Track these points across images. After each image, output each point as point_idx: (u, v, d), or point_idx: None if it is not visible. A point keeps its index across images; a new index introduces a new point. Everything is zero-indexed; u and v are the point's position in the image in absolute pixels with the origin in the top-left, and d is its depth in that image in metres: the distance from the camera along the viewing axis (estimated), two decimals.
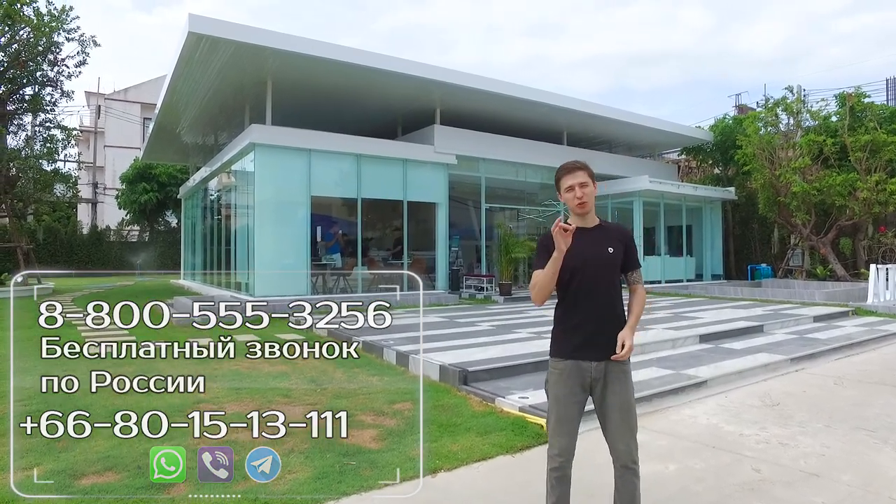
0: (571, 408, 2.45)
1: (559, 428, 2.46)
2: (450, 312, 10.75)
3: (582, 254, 2.44)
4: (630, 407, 2.45)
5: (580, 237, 2.45)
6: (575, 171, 2.48)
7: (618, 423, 2.41)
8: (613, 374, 2.43)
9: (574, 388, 2.45)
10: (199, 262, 18.57)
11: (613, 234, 2.53)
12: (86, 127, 36.72)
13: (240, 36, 10.06)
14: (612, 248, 2.47)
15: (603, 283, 2.45)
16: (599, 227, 2.54)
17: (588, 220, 2.53)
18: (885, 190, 14.49)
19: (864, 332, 8.55)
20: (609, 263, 2.47)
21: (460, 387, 5.22)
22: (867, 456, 3.69)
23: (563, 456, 2.46)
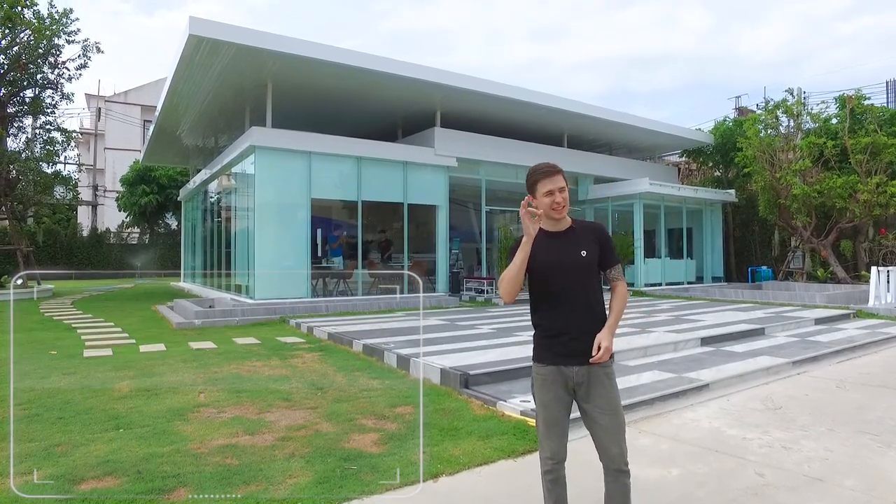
0: (557, 411, 2.44)
1: (548, 432, 2.45)
2: (450, 315, 10.73)
3: (555, 259, 2.42)
4: (617, 408, 2.41)
5: (553, 242, 2.45)
6: (554, 175, 2.41)
7: (607, 426, 2.38)
8: (596, 377, 2.39)
9: (558, 391, 2.43)
10: (199, 265, 18.56)
11: (587, 235, 2.47)
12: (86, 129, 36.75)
13: (240, 38, 10.06)
14: (586, 251, 2.42)
15: (579, 287, 2.41)
16: (571, 230, 2.48)
17: (561, 223, 2.47)
18: (886, 192, 14.47)
19: (865, 335, 8.53)
20: (583, 266, 2.42)
21: (461, 390, 5.20)
22: (871, 460, 3.68)
23: (554, 459, 2.45)
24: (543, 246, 2.42)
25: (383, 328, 8.81)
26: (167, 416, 4.44)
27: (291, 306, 11.09)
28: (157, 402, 4.84)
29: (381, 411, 4.62)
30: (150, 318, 10.96)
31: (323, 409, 4.70)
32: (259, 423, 4.32)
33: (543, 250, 2.42)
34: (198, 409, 4.65)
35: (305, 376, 5.87)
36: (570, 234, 2.47)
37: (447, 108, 14.27)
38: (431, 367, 5.73)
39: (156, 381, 5.55)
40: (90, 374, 5.86)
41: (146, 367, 6.23)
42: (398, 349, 6.70)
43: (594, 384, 2.40)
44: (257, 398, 5.00)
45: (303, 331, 9.24)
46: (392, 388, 5.38)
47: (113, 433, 4.00)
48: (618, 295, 2.47)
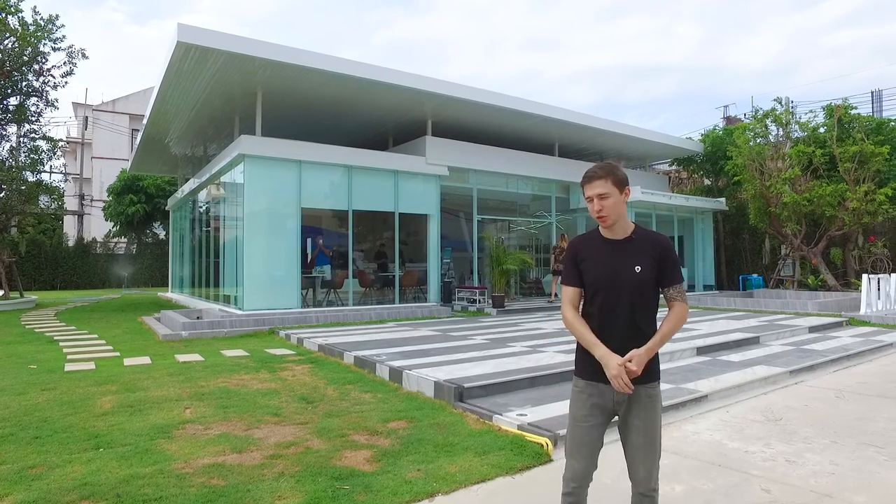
0: (587, 431, 2.29)
1: (574, 450, 2.31)
2: (442, 325, 10.58)
3: (606, 271, 2.26)
4: (654, 432, 2.26)
5: (608, 252, 2.29)
6: (593, 182, 2.26)
7: (639, 447, 2.26)
8: (637, 398, 2.25)
9: (592, 410, 2.29)
10: (187, 275, 18.29)
11: (645, 248, 2.26)
12: (73, 138, 36.36)
13: (229, 46, 9.93)
14: (641, 266, 2.22)
15: (627, 302, 2.23)
16: (629, 241, 2.29)
17: (617, 231, 2.30)
18: (874, 200, 14.57)
19: (860, 343, 8.49)
20: (635, 282, 2.23)
21: (456, 404, 5.06)
22: (879, 474, 3.58)
23: (576, 481, 2.31)
24: (598, 254, 2.30)
25: (375, 339, 8.66)
26: (150, 433, 4.26)
27: (281, 317, 10.91)
28: (141, 418, 4.66)
29: (373, 426, 4.47)
30: (135, 329, 10.72)
31: (313, 424, 4.54)
32: (247, 440, 4.16)
33: (597, 261, 2.29)
34: (183, 425, 4.48)
35: (295, 390, 5.70)
36: (628, 244, 2.29)
37: (438, 117, 14.20)
38: (425, 379, 5.58)
39: (140, 397, 5.35)
40: (71, 389, 5.64)
41: (130, 381, 6.03)
42: (390, 361, 6.55)
43: (635, 405, 2.26)
44: (245, 413, 4.83)
45: (293, 342, 9.06)
46: (384, 402, 5.23)
47: (92, 453, 3.82)
48: (672, 315, 2.27)
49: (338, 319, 11.35)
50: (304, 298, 12.60)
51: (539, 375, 5.75)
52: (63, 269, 25.64)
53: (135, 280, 27.41)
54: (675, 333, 2.28)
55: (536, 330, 9.73)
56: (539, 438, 4.05)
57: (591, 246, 2.32)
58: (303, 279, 12.30)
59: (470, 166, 14.63)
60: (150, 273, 28.05)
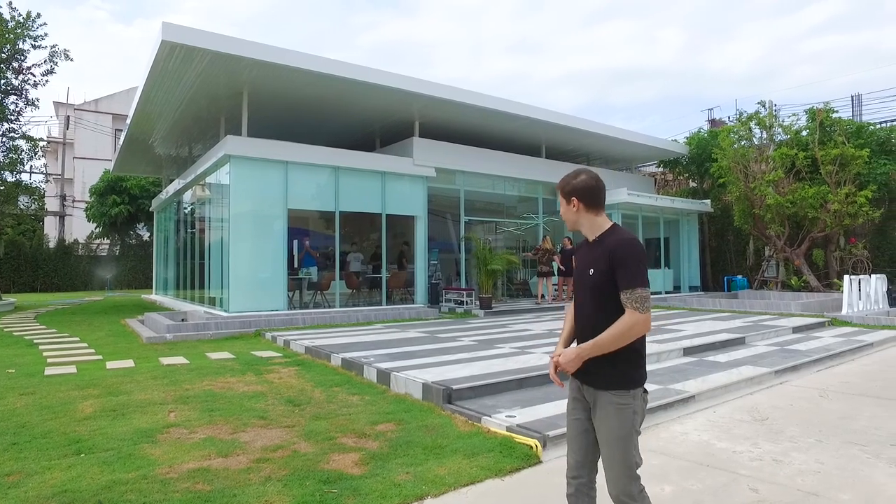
0: (572, 423, 2.38)
1: (568, 445, 2.41)
2: (430, 327, 10.55)
3: (576, 274, 2.43)
4: (610, 441, 2.19)
5: (581, 253, 2.43)
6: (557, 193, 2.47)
7: (604, 457, 2.25)
8: (601, 403, 2.25)
9: (575, 403, 2.38)
10: (171, 277, 18.07)
11: (603, 250, 2.22)
12: (54, 138, 35.78)
13: (215, 45, 9.83)
14: (594, 269, 2.25)
15: (588, 304, 2.29)
16: (595, 243, 2.32)
17: (588, 232, 2.36)
18: (855, 202, 14.81)
19: (842, 343, 8.61)
20: (591, 286, 2.26)
21: (444, 405, 5.03)
22: (862, 472, 3.62)
23: (572, 474, 2.34)
24: (577, 257, 2.46)
25: (362, 341, 8.60)
26: (134, 438, 4.18)
27: (267, 319, 10.80)
28: (124, 422, 4.57)
29: (361, 429, 4.43)
30: (118, 332, 10.55)
31: (301, 427, 4.49)
32: (233, 443, 4.09)
33: (576, 262, 2.46)
34: (167, 429, 4.40)
35: (282, 392, 5.64)
36: (593, 247, 2.34)
37: (426, 118, 14.18)
38: (413, 381, 5.55)
39: (122, 400, 5.25)
40: (51, 393, 5.53)
41: (112, 385, 5.92)
42: (378, 363, 6.51)
43: (598, 410, 2.26)
44: (231, 417, 4.76)
45: (279, 344, 8.97)
46: (372, 404, 5.19)
47: (73, 458, 3.73)
48: (618, 321, 2.12)
49: (325, 321, 11.27)
50: (291, 300, 12.50)
51: (527, 377, 5.74)
52: (43, 271, 25.20)
53: (118, 282, 27.02)
54: (618, 343, 2.12)
55: (524, 331, 9.74)
56: (528, 440, 4.04)
57: (578, 248, 2.50)
58: (289, 281, 12.20)
59: (457, 167, 14.62)
60: (134, 275, 27.68)
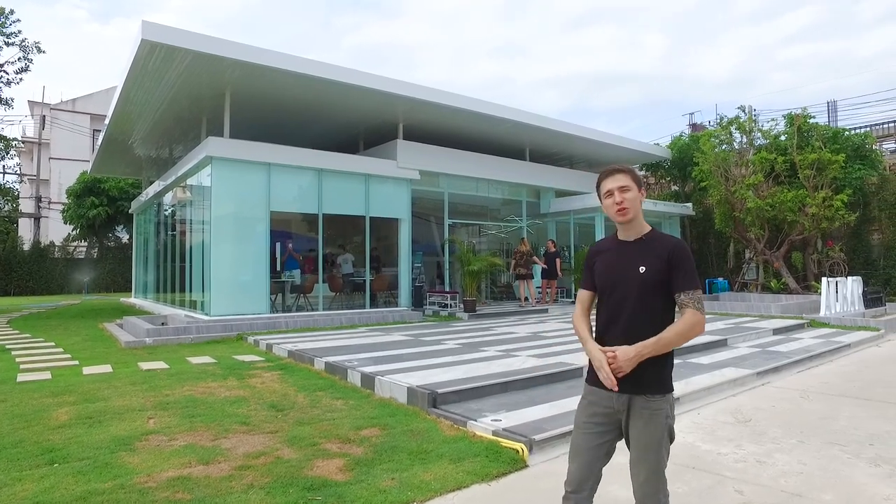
0: (585, 437, 2.25)
1: (572, 455, 2.29)
2: (414, 330, 10.50)
3: (614, 270, 2.23)
4: (648, 447, 2.15)
5: (619, 253, 2.26)
6: (615, 174, 2.24)
7: (634, 460, 2.20)
8: (636, 408, 2.18)
9: (594, 416, 2.24)
10: (151, 280, 17.77)
11: (654, 249, 2.17)
12: (29, 138, 35.05)
13: (196, 45, 9.69)
14: (645, 267, 2.15)
15: (631, 304, 2.15)
16: (641, 241, 2.23)
17: (632, 231, 2.25)
18: (832, 206, 15.09)
19: (821, 344, 8.74)
20: (640, 284, 2.15)
21: (429, 410, 4.99)
22: (843, 472, 3.66)
23: (571, 486, 2.24)
24: (609, 256, 2.29)
25: (346, 345, 8.53)
26: (111, 446, 4.08)
27: (249, 323, 10.66)
28: (100, 430, 4.45)
29: (345, 434, 4.37)
30: (96, 336, 10.33)
31: (284, 433, 4.42)
32: (214, 450, 4.01)
33: (606, 261, 2.28)
34: (146, 436, 4.30)
35: (265, 398, 5.55)
36: (640, 245, 2.23)
37: (410, 121, 14.14)
38: (398, 385, 5.50)
39: (99, 407, 5.12)
40: (23, 400, 5.37)
41: (89, 391, 5.78)
42: (362, 367, 6.45)
43: (634, 415, 2.19)
44: (212, 423, 4.67)
45: (261, 348, 8.85)
46: (356, 409, 5.13)
47: (46, 469, 3.62)
48: (680, 321, 2.12)
49: (308, 325, 11.16)
50: (274, 303, 12.37)
51: (512, 380, 5.73)
52: (17, 274, 24.64)
53: (96, 285, 26.52)
54: (680, 342, 2.13)
55: (509, 334, 9.74)
56: (514, 444, 4.02)
57: (604, 248, 2.34)
58: (272, 284, 12.07)
59: (441, 170, 14.61)
60: (113, 278, 27.19)
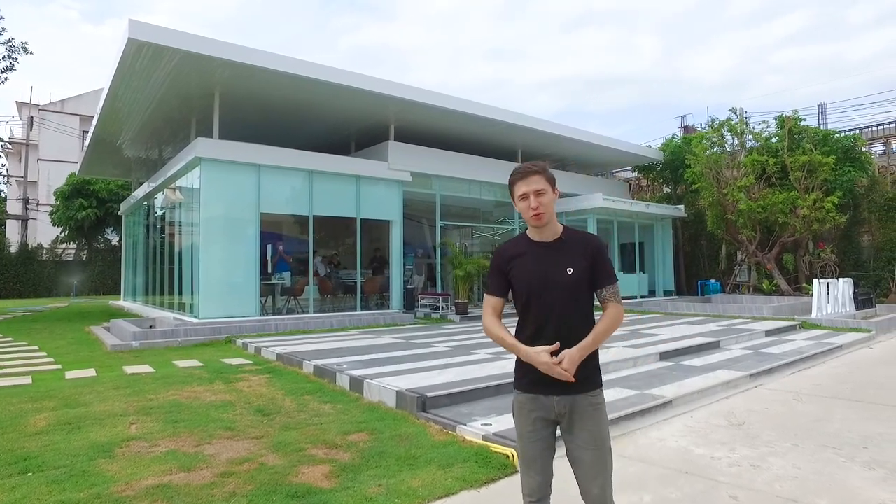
0: (535, 445, 2.18)
1: (526, 468, 2.21)
2: (405, 333, 10.41)
3: (537, 274, 2.14)
4: (602, 443, 2.14)
5: (537, 255, 2.18)
6: (529, 177, 2.14)
7: (588, 462, 2.12)
8: (581, 408, 2.13)
9: (536, 423, 2.17)
10: (140, 283, 17.57)
11: (577, 249, 2.15)
12: (16, 139, 34.67)
13: (184, 44, 9.57)
14: (573, 268, 2.11)
15: (563, 308, 2.11)
16: (560, 242, 2.17)
17: (547, 232, 2.18)
18: (823, 208, 15.13)
19: (813, 346, 8.72)
20: (568, 285, 2.11)
21: (419, 414, 4.90)
22: (838, 476, 3.60)
23: (533, 497, 2.20)
24: (527, 259, 2.17)
25: (335, 347, 8.42)
26: (89, 453, 3.96)
27: (238, 325, 10.53)
28: (79, 436, 4.33)
29: (332, 439, 4.27)
30: (82, 340, 10.17)
31: (269, 438, 4.32)
32: (197, 457, 3.90)
33: (526, 265, 2.16)
34: (127, 443, 4.18)
35: (251, 402, 5.44)
36: (558, 246, 2.18)
37: (401, 122, 14.06)
38: (387, 389, 5.41)
39: (80, 413, 4.99)
40: (0, 406, 5.24)
41: (70, 396, 5.65)
42: (351, 370, 6.35)
43: (578, 415, 2.13)
44: (196, 428, 4.56)
45: (250, 351, 8.73)
46: (345, 413, 5.04)
47: (19, 478, 3.49)
48: (606, 316, 2.14)
49: (298, 327, 11.04)
50: (264, 306, 12.24)
51: (504, 383, 5.64)
52: (4, 276, 24.35)
53: (85, 288, 26.22)
54: (609, 334, 2.15)
55: None
56: (505, 449, 3.94)
57: (519, 251, 2.21)
58: (262, 286, 11.94)
59: (433, 172, 14.53)
60: (102, 280, 26.89)
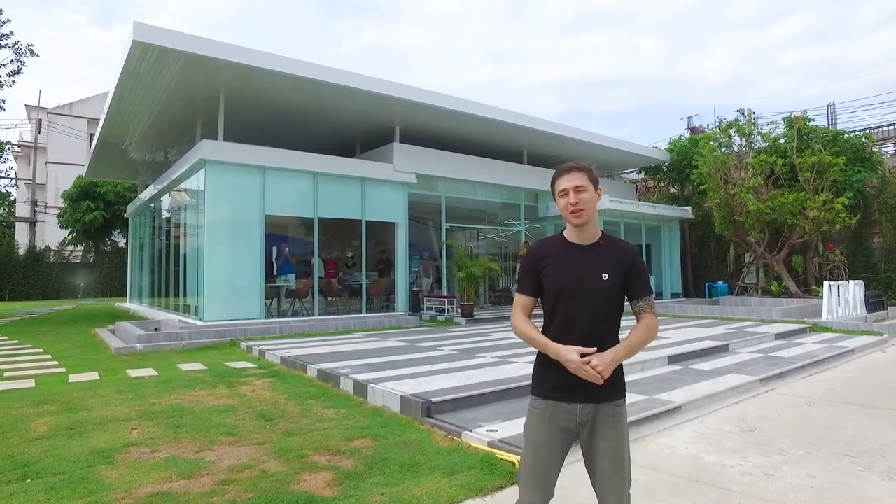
0: (550, 457, 2.07)
1: (532, 479, 2.07)
2: (410, 336, 10.33)
3: (572, 278, 2.07)
4: (622, 454, 2.07)
5: (573, 258, 2.11)
6: (571, 172, 2.10)
7: (608, 472, 2.04)
8: (603, 417, 2.05)
9: (554, 433, 2.07)
10: (146, 285, 17.59)
11: (613, 255, 2.10)
12: (25, 142, 34.89)
13: (189, 47, 9.55)
14: (608, 274, 2.06)
15: (592, 313, 2.05)
16: (597, 246, 2.12)
17: (585, 234, 2.12)
18: (833, 209, 14.95)
19: (824, 350, 8.58)
20: (602, 292, 2.05)
21: (423, 419, 4.83)
22: (856, 486, 3.50)
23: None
24: (562, 260, 2.11)
25: (340, 351, 8.36)
26: (89, 459, 3.90)
27: (243, 328, 10.49)
28: (80, 442, 4.28)
29: (335, 446, 4.20)
30: (86, 342, 10.15)
31: (271, 444, 4.25)
32: (197, 463, 3.84)
33: (560, 266, 2.10)
34: (128, 448, 4.13)
35: (254, 406, 5.39)
36: (595, 250, 2.11)
37: (407, 124, 14.00)
38: (391, 393, 5.34)
39: (81, 417, 4.95)
40: (2, 410, 5.18)
41: (72, 400, 5.60)
42: (355, 374, 6.28)
43: (600, 425, 2.06)
44: (198, 433, 4.50)
45: (254, 354, 8.68)
46: (348, 418, 4.97)
47: (17, 485, 3.44)
48: (642, 326, 2.11)
49: (302, 330, 10.99)
50: (269, 308, 12.20)
51: (509, 388, 5.56)
52: (13, 278, 24.46)
53: (92, 290, 26.32)
54: (644, 346, 2.12)
55: (506, 340, 9.56)
56: (510, 456, 3.85)
57: (553, 251, 2.15)
58: (267, 288, 11.90)
59: (438, 174, 14.46)
60: (109, 282, 26.99)
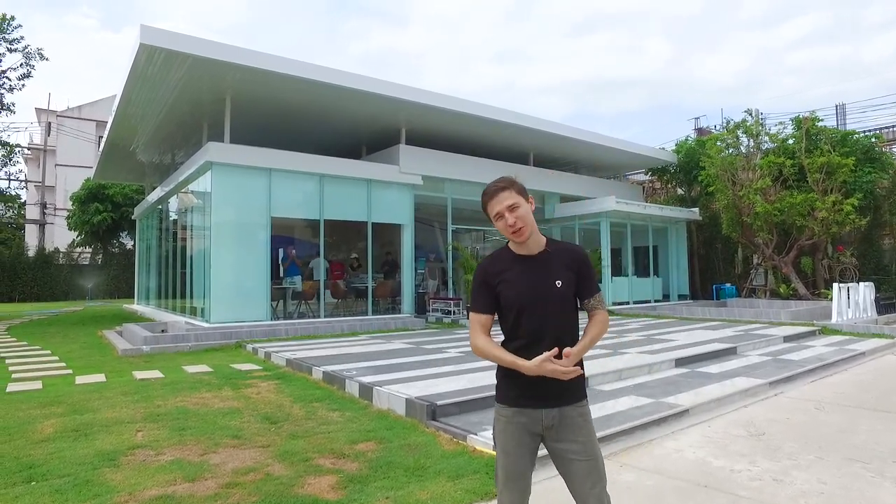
0: (520, 461, 2.10)
1: (507, 484, 2.12)
2: (416, 338, 10.32)
3: (529, 290, 2.07)
4: (595, 453, 2.09)
5: (522, 269, 2.10)
6: (499, 195, 2.08)
7: (585, 473, 2.05)
8: (570, 419, 2.07)
9: (522, 437, 2.09)
10: (153, 286, 17.67)
11: (563, 260, 2.11)
12: (35, 145, 35.19)
13: (195, 49, 9.59)
14: (561, 281, 2.07)
15: (555, 320, 2.07)
16: (546, 254, 2.13)
17: (532, 245, 2.12)
18: (842, 210, 14.81)
19: (834, 353, 8.49)
20: (559, 299, 2.07)
21: (428, 422, 4.80)
22: (868, 492, 3.44)
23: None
24: (516, 274, 2.10)
25: (345, 353, 8.35)
26: (94, 461, 3.91)
27: (249, 330, 10.51)
28: (85, 444, 4.29)
29: (340, 448, 4.19)
30: (94, 344, 10.20)
31: (276, 447, 4.25)
32: (202, 466, 3.84)
33: (514, 280, 2.10)
34: (132, 451, 4.13)
35: (259, 409, 5.38)
36: (545, 258, 2.12)
37: (412, 126, 14.01)
38: (396, 396, 5.32)
39: (87, 419, 4.96)
40: (9, 412, 5.21)
41: (79, 402, 5.62)
42: (360, 376, 6.27)
43: (567, 427, 2.07)
44: (203, 436, 4.50)
45: (260, 356, 8.69)
46: (353, 421, 4.95)
47: (22, 487, 3.45)
48: (595, 321, 2.16)
49: (308, 332, 10.99)
50: (275, 310, 12.22)
51: None
52: (22, 280, 24.65)
53: (100, 291, 26.49)
54: (600, 339, 2.19)
55: None
56: None
57: (503, 267, 2.13)
58: (273, 290, 11.92)
59: (444, 175, 14.45)
60: (117, 284, 27.16)
